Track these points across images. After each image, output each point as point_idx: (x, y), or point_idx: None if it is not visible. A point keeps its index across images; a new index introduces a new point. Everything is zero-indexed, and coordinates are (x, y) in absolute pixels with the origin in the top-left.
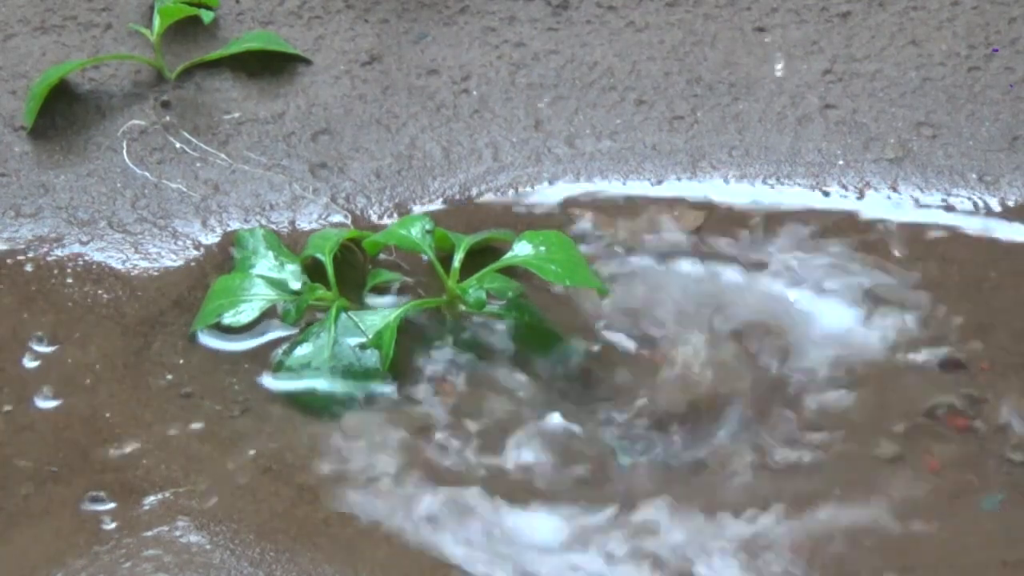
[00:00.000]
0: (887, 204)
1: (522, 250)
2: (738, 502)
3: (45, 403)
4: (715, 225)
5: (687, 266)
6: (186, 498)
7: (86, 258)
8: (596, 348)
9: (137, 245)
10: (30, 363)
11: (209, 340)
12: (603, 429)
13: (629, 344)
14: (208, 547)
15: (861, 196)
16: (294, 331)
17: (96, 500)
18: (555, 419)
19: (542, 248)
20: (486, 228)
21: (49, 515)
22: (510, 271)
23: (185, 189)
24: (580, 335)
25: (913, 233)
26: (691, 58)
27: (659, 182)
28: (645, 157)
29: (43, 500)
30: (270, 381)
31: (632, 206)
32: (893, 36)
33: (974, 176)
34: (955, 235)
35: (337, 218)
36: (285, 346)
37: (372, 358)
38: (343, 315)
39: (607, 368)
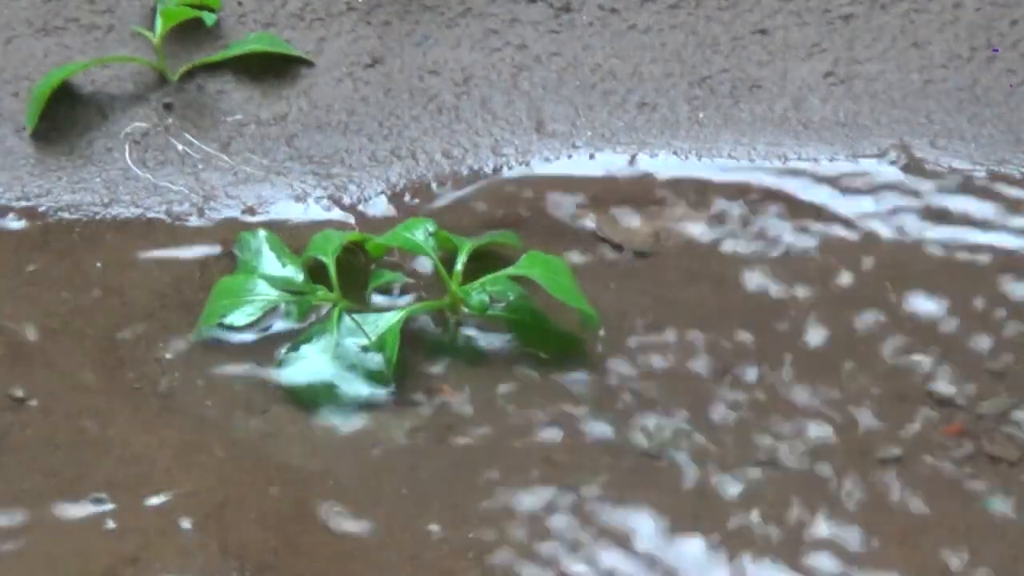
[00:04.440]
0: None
1: (526, 268)
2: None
3: (45, 403)
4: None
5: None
6: (187, 498)
7: (87, 260)
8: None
9: (138, 246)
10: (29, 363)
11: (212, 341)
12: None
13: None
14: (209, 547)
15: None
16: (296, 332)
17: (97, 501)
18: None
19: (543, 270)
20: (489, 230)
21: (50, 517)
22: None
23: (187, 191)
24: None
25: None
26: (693, 60)
27: (661, 184)
28: (647, 159)
29: (45, 501)
30: (272, 382)
31: (635, 208)
32: (895, 38)
33: (976, 178)
34: (956, 237)
35: (339, 219)
36: (287, 347)
37: (375, 360)
38: (346, 316)
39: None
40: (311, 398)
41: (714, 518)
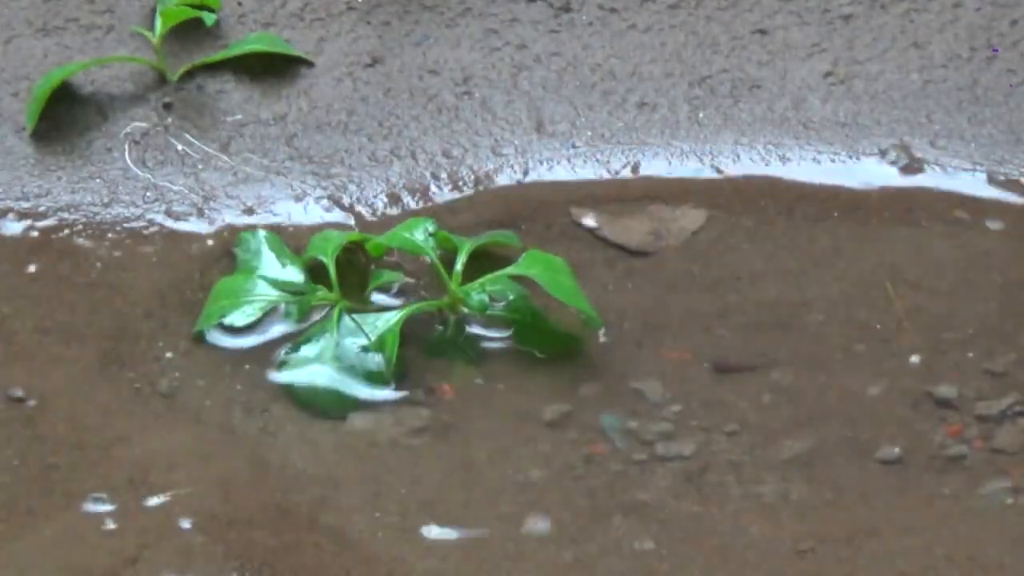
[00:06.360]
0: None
1: (526, 268)
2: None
3: (45, 403)
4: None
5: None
6: (188, 499)
7: (87, 260)
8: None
9: (138, 247)
10: (29, 363)
11: (211, 341)
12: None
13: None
14: (210, 548)
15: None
16: (296, 332)
17: (98, 501)
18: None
19: (543, 270)
20: (488, 230)
21: (50, 517)
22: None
23: (187, 191)
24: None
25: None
26: (693, 60)
27: (661, 183)
28: (647, 159)
29: (44, 502)
30: (272, 382)
31: (634, 207)
32: (895, 38)
33: (976, 178)
34: (957, 238)
35: (339, 219)
36: (287, 347)
37: (375, 360)
38: (345, 317)
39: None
40: (311, 398)
41: (716, 518)
